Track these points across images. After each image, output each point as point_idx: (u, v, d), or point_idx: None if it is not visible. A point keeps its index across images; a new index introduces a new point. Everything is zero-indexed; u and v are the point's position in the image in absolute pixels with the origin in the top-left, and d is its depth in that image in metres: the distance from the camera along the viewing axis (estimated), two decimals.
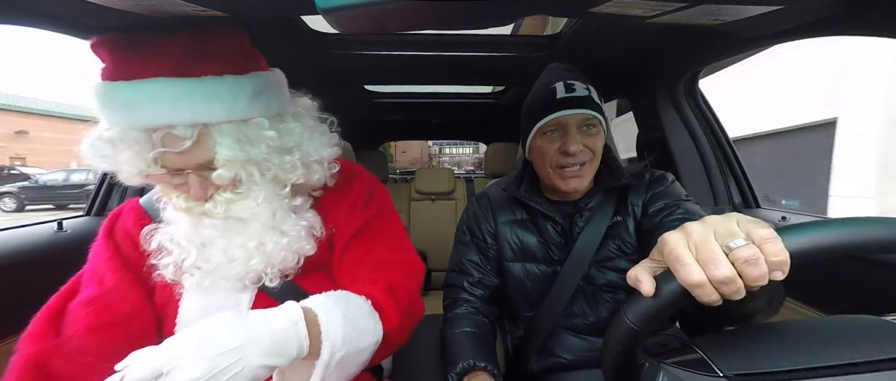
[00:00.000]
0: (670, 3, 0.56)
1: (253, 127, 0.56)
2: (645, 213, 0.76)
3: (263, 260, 0.60)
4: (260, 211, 0.59)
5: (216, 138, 0.54)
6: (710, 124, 1.27)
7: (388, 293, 0.60)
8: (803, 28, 0.72)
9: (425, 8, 0.46)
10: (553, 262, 0.80)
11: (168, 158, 0.54)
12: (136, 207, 0.69)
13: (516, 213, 0.85)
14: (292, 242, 0.62)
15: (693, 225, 0.34)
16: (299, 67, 1.20)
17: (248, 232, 0.60)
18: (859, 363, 0.34)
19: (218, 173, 0.55)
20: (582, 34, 0.98)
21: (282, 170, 0.60)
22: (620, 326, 0.38)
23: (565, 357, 0.79)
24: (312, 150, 0.63)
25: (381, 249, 0.68)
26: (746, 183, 1.25)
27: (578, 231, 0.78)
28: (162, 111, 0.50)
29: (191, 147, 0.53)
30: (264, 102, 0.58)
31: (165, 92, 0.50)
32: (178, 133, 0.52)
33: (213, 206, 0.58)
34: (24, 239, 0.95)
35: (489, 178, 2.20)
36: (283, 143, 0.59)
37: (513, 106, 1.93)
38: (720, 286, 0.31)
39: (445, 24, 0.84)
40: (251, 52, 0.60)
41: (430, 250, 2.14)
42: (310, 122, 0.65)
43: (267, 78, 0.59)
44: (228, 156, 0.54)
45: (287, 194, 0.62)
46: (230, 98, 0.53)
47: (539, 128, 0.76)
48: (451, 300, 0.85)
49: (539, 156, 0.77)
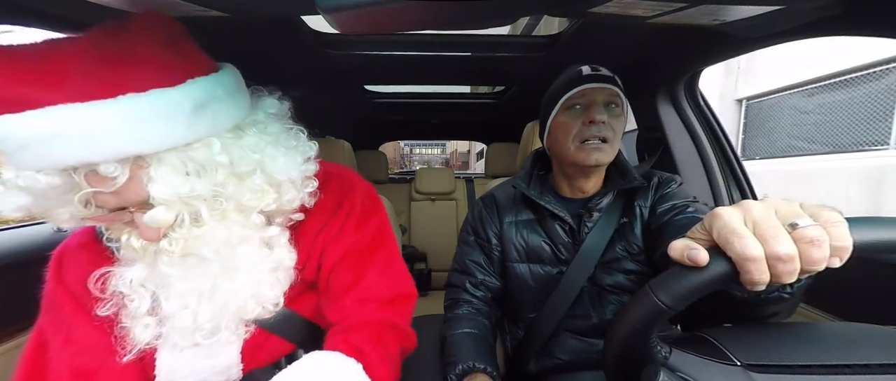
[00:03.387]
0: (670, 3, 0.56)
1: (199, 150, 0.45)
2: (653, 213, 0.76)
3: (217, 308, 0.51)
4: (219, 249, 0.49)
5: (150, 173, 0.43)
6: (710, 124, 1.27)
7: (375, 342, 0.55)
8: (803, 28, 0.71)
9: (425, 8, 0.46)
10: (559, 262, 0.80)
11: (101, 198, 0.43)
12: (89, 240, 0.56)
13: (522, 213, 0.84)
14: (249, 285, 0.53)
15: (751, 202, 0.33)
16: (299, 67, 1.20)
17: (204, 274, 0.50)
18: (873, 365, 0.33)
19: (150, 215, 0.44)
20: (582, 34, 0.98)
21: (244, 198, 0.49)
22: (645, 304, 0.35)
23: (564, 359, 0.79)
24: (277, 169, 0.51)
25: (371, 276, 0.60)
26: (747, 183, 1.25)
27: (587, 232, 0.78)
28: (72, 149, 0.38)
29: (126, 183, 0.42)
30: (211, 116, 0.45)
31: (71, 123, 0.37)
32: (103, 172, 0.41)
33: (169, 244, 0.47)
34: (24, 239, 0.95)
35: (489, 178, 2.20)
36: (240, 166, 0.48)
37: (513, 106, 1.92)
38: (776, 264, 0.30)
39: (445, 24, 0.84)
40: (187, 49, 0.46)
41: (430, 250, 2.14)
42: (275, 129, 0.54)
43: (212, 83, 0.46)
44: (165, 194, 0.43)
45: (256, 222, 0.52)
46: (162, 120, 0.41)
47: (563, 103, 0.76)
48: (452, 301, 0.85)
49: (561, 132, 0.76)
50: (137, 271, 0.50)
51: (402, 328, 0.62)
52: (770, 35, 0.77)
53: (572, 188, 0.82)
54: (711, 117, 1.26)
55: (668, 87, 1.23)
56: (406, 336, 0.63)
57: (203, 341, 0.52)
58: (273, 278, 0.55)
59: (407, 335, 0.63)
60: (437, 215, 2.19)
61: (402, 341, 0.61)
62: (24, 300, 0.60)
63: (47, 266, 0.56)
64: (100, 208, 0.45)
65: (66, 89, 0.37)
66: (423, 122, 2.54)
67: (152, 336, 0.52)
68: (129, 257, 0.51)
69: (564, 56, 1.11)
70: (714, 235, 0.33)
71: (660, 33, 0.94)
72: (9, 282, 0.87)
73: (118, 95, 0.39)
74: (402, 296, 0.64)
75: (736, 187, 1.26)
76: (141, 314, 0.51)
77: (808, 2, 0.61)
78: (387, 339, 0.58)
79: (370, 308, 0.59)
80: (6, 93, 0.36)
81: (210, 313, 0.51)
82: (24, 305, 0.60)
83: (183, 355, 0.55)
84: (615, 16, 0.60)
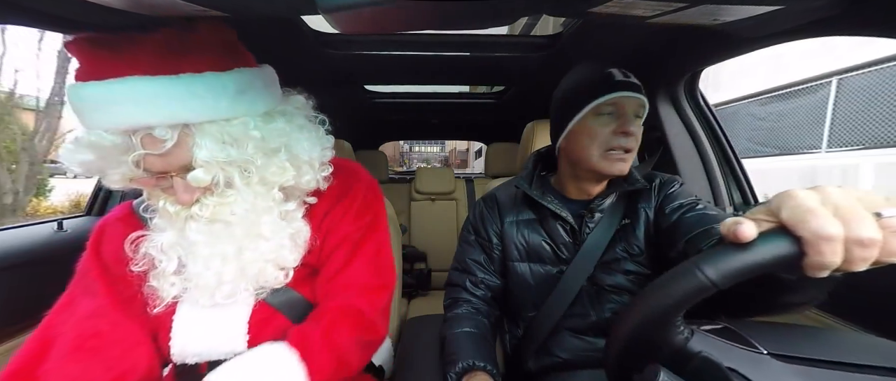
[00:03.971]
0: (670, 3, 0.56)
1: (237, 126, 0.54)
2: (661, 214, 0.76)
3: (239, 270, 0.58)
4: (245, 215, 0.57)
5: (196, 139, 0.51)
6: (710, 124, 1.27)
7: (326, 330, 0.60)
8: (803, 28, 0.72)
9: (425, 8, 0.46)
10: (560, 261, 0.80)
11: (150, 160, 0.51)
12: (126, 213, 0.66)
13: (523, 213, 0.85)
14: (272, 249, 0.59)
15: (829, 186, 0.32)
16: (299, 66, 1.20)
17: (229, 238, 0.57)
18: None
19: (193, 175, 0.52)
20: (582, 34, 0.98)
21: (269, 171, 0.58)
22: (687, 279, 0.33)
23: (563, 357, 0.79)
24: (301, 150, 0.60)
25: (357, 264, 0.66)
26: (747, 183, 1.25)
27: (588, 232, 0.78)
28: (138, 112, 0.48)
29: (172, 149, 0.51)
30: (249, 99, 0.55)
31: (141, 91, 0.47)
32: (157, 135, 0.49)
33: (199, 209, 0.55)
34: (24, 239, 0.95)
35: (490, 178, 2.20)
36: (269, 143, 0.57)
37: (513, 106, 1.92)
38: (853, 249, 0.30)
39: (445, 24, 0.84)
40: (236, 47, 0.57)
41: (430, 250, 2.14)
42: (301, 120, 0.63)
43: (253, 75, 0.57)
44: (206, 157, 0.52)
45: (276, 197, 0.60)
46: (211, 96, 0.51)
47: (593, 108, 0.72)
48: (452, 300, 0.85)
49: (587, 137, 0.74)
50: (168, 237, 0.58)
51: (368, 316, 0.65)
52: (770, 35, 0.77)
53: (579, 190, 0.81)
54: (711, 117, 1.26)
55: (668, 87, 1.23)
56: (370, 326, 0.65)
57: (222, 300, 0.59)
58: (292, 243, 0.62)
59: (371, 324, 0.65)
60: (437, 214, 2.19)
61: (362, 329, 0.64)
62: (25, 300, 0.61)
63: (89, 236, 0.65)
64: (146, 171, 0.53)
65: (138, 66, 0.47)
66: (422, 122, 2.54)
67: (177, 292, 0.59)
68: (161, 225, 0.59)
69: (564, 56, 1.11)
70: (784, 215, 0.32)
71: (660, 33, 0.94)
72: (9, 282, 0.87)
73: (179, 73, 0.49)
74: (379, 286, 0.68)
75: (736, 187, 1.26)
76: (168, 274, 0.58)
77: (809, 2, 0.61)
78: (342, 326, 0.62)
79: (346, 294, 0.64)
80: (93, 67, 0.48)
81: (233, 273, 0.58)
82: (25, 305, 0.60)
83: (198, 318, 0.61)
84: (615, 16, 0.60)
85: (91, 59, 0.49)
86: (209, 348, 0.62)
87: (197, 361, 0.63)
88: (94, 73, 0.48)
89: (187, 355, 0.62)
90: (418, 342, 0.89)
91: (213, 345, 0.62)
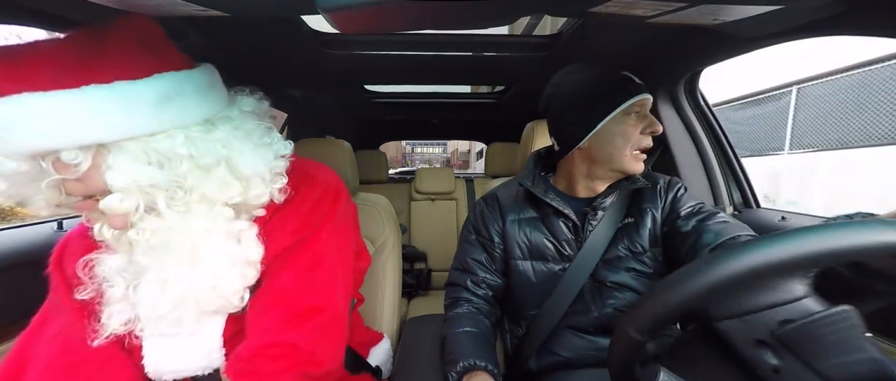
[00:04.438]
0: (670, 3, 0.56)
1: (162, 141, 0.47)
2: (673, 216, 0.77)
3: (178, 298, 0.52)
4: (182, 240, 0.51)
5: (108, 160, 0.45)
6: (710, 124, 1.27)
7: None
8: (803, 28, 0.71)
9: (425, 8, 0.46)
10: (562, 259, 0.81)
11: (69, 185, 0.46)
12: (87, 229, 0.59)
13: (525, 212, 0.85)
14: (210, 277, 0.53)
15: None
16: (299, 66, 1.20)
17: (169, 263, 0.51)
18: None
19: (105, 202, 0.46)
20: (582, 34, 0.98)
21: (208, 189, 0.51)
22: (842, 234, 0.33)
23: (564, 355, 0.79)
24: (244, 164, 0.53)
25: (288, 283, 0.57)
26: (747, 183, 1.25)
27: (591, 230, 0.79)
28: (37, 135, 0.41)
29: (89, 172, 0.45)
30: (177, 109, 0.48)
31: (36, 110, 0.40)
32: (64, 159, 0.43)
33: (136, 234, 0.50)
34: (24, 239, 0.95)
35: (489, 178, 2.20)
36: (204, 158, 0.50)
37: (513, 106, 1.92)
38: None
39: (445, 24, 0.84)
40: (160, 48, 0.49)
41: (430, 250, 2.14)
42: (248, 126, 0.56)
43: (181, 79, 0.49)
44: (121, 182, 0.45)
45: (224, 215, 0.53)
46: (121, 110, 0.44)
47: (624, 109, 0.74)
48: (452, 300, 0.85)
49: (620, 138, 0.75)
50: (117, 259, 0.52)
51: (305, 349, 0.55)
52: (770, 35, 0.77)
53: (588, 188, 0.82)
54: (711, 117, 1.26)
55: (668, 87, 1.23)
56: (309, 360, 0.56)
57: (169, 330, 0.53)
58: (235, 272, 0.55)
59: (310, 358, 0.56)
60: (437, 214, 2.19)
61: (301, 365, 0.55)
62: (24, 300, 0.61)
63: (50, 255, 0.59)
64: (71, 196, 0.47)
65: (35, 80, 0.41)
66: (423, 122, 2.54)
67: (121, 322, 0.53)
68: (114, 245, 0.53)
69: (564, 56, 1.11)
70: None
71: (660, 33, 0.94)
72: (9, 282, 0.87)
73: (83, 85, 0.42)
74: (312, 308, 0.58)
75: (736, 187, 1.26)
76: (115, 301, 0.53)
77: (809, 1, 0.61)
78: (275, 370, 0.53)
79: (275, 326, 0.55)
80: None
81: (171, 302, 0.52)
82: (24, 305, 0.60)
83: (167, 341, 0.56)
84: (615, 15, 0.60)
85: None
86: (184, 366, 0.58)
87: (174, 377, 0.59)
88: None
89: (163, 373, 0.58)
90: (418, 342, 0.89)
91: (188, 362, 0.58)
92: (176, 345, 0.57)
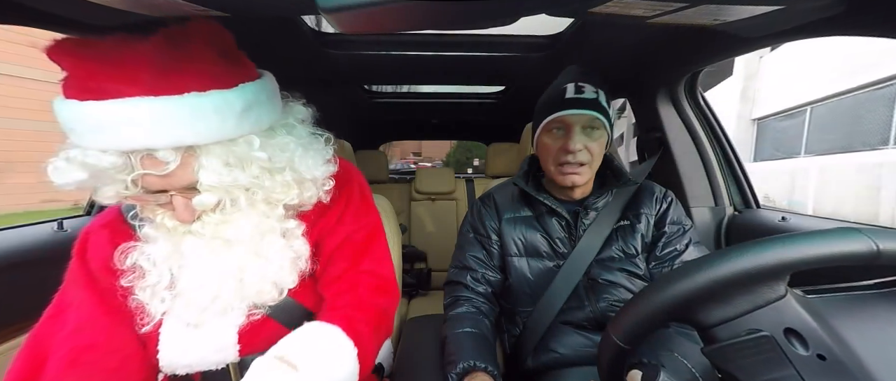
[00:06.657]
0: (670, 3, 0.56)
1: (242, 146, 0.52)
2: (661, 223, 0.82)
3: (238, 289, 0.56)
4: (248, 235, 0.55)
5: (201, 161, 0.49)
6: (710, 124, 1.27)
7: (375, 330, 0.61)
8: (803, 28, 0.71)
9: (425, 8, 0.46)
10: (557, 256, 0.83)
11: (149, 179, 0.49)
12: (113, 219, 0.62)
13: (521, 211, 0.87)
14: (275, 272, 0.58)
15: None
16: (299, 66, 1.20)
17: (230, 257, 0.55)
18: None
19: (199, 199, 0.51)
20: (582, 34, 0.98)
21: (274, 191, 0.56)
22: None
23: (561, 352, 0.80)
24: (305, 169, 0.58)
25: (364, 263, 0.65)
26: (747, 183, 1.25)
27: (584, 229, 0.81)
28: (141, 134, 0.45)
29: (175, 170, 0.48)
30: (255, 117, 0.52)
31: (144, 113, 0.44)
32: (160, 157, 0.47)
33: (201, 227, 0.54)
34: (24, 239, 0.95)
35: (490, 178, 2.20)
36: (274, 163, 0.55)
37: (513, 106, 1.92)
38: None
39: (445, 24, 0.84)
40: (238, 57, 0.54)
41: (430, 250, 2.14)
42: (304, 134, 0.61)
43: (257, 89, 0.53)
44: (212, 181, 0.49)
45: (280, 215, 0.59)
46: (216, 117, 0.48)
47: (545, 125, 0.80)
48: (452, 299, 0.86)
49: (544, 151, 0.82)
50: (161, 249, 0.55)
51: (383, 274, 0.66)
52: (770, 35, 0.77)
53: (563, 193, 0.86)
54: (712, 117, 1.26)
55: (669, 87, 1.23)
56: (390, 328, 0.67)
57: (212, 319, 0.57)
58: (292, 266, 0.60)
59: (386, 282, 0.67)
60: (437, 214, 2.19)
61: (388, 331, 0.66)
62: (24, 300, 0.60)
63: (74, 244, 0.61)
64: (142, 189, 0.50)
65: (140, 84, 0.44)
66: (423, 122, 2.54)
67: (166, 309, 0.57)
68: (151, 235, 0.56)
69: (564, 56, 1.11)
70: None
71: (660, 33, 0.94)
72: (9, 282, 0.87)
73: (183, 92, 0.46)
74: (393, 291, 0.68)
75: (736, 187, 1.26)
76: (159, 289, 0.56)
77: (809, 1, 0.61)
78: (383, 327, 0.63)
79: (367, 292, 0.63)
80: (89, 83, 0.44)
81: (231, 292, 0.56)
82: (24, 305, 0.60)
83: (185, 333, 0.58)
84: (615, 16, 0.60)
85: (84, 73, 0.44)
86: (199, 359, 0.60)
87: (187, 372, 0.61)
88: (91, 91, 0.44)
89: (177, 366, 0.60)
90: (418, 342, 0.89)
91: (202, 356, 0.60)
92: (194, 338, 0.59)
